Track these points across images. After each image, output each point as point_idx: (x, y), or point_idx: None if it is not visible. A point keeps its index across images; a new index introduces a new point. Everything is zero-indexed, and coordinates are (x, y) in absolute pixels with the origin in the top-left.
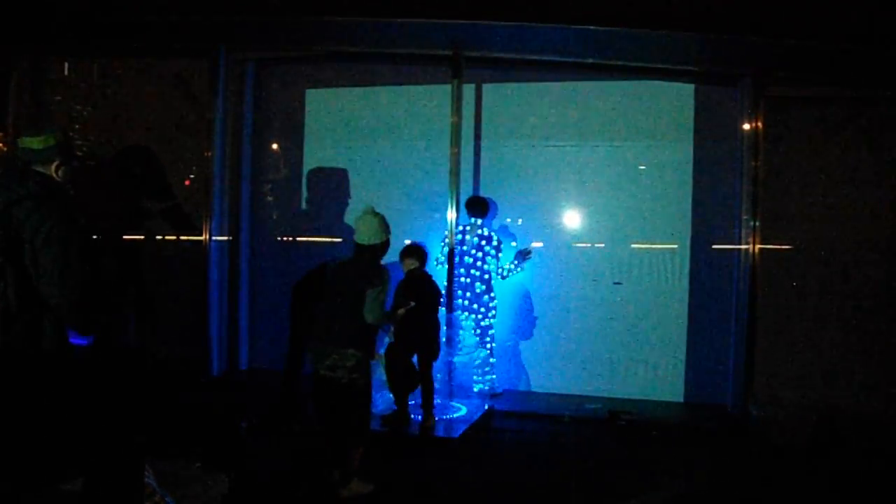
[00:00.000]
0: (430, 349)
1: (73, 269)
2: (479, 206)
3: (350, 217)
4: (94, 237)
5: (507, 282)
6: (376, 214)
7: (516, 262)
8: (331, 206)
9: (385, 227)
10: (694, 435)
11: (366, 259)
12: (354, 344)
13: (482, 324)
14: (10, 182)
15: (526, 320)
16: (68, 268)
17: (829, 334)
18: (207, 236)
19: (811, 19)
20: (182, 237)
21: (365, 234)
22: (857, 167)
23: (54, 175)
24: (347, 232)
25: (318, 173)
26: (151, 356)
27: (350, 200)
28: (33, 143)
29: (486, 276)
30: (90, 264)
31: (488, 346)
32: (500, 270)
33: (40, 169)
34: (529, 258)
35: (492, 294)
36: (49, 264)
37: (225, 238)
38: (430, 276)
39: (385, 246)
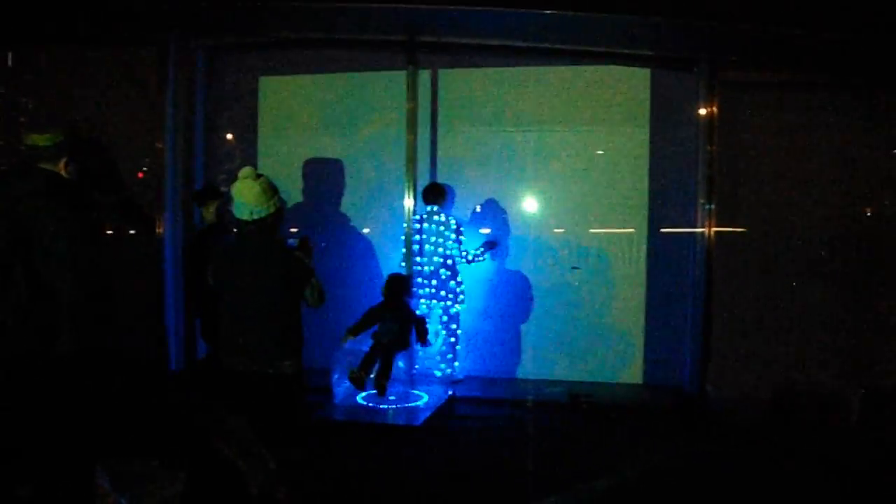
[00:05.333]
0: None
1: (84, 262)
2: (435, 193)
3: (307, 207)
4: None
5: (467, 268)
6: (258, 177)
7: (483, 249)
8: (286, 195)
9: (271, 191)
10: (653, 416)
11: (255, 240)
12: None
13: (451, 311)
14: (16, 179)
15: (485, 306)
16: (80, 261)
17: (783, 314)
18: (161, 229)
19: (766, 4)
20: (135, 230)
21: (245, 206)
22: (812, 151)
23: (62, 172)
24: (303, 221)
25: (273, 162)
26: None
27: (305, 189)
28: (40, 140)
29: (450, 262)
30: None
31: (457, 331)
32: (463, 254)
33: (48, 166)
34: (496, 248)
35: (458, 279)
36: (60, 259)
37: (179, 230)
38: (408, 306)
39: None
